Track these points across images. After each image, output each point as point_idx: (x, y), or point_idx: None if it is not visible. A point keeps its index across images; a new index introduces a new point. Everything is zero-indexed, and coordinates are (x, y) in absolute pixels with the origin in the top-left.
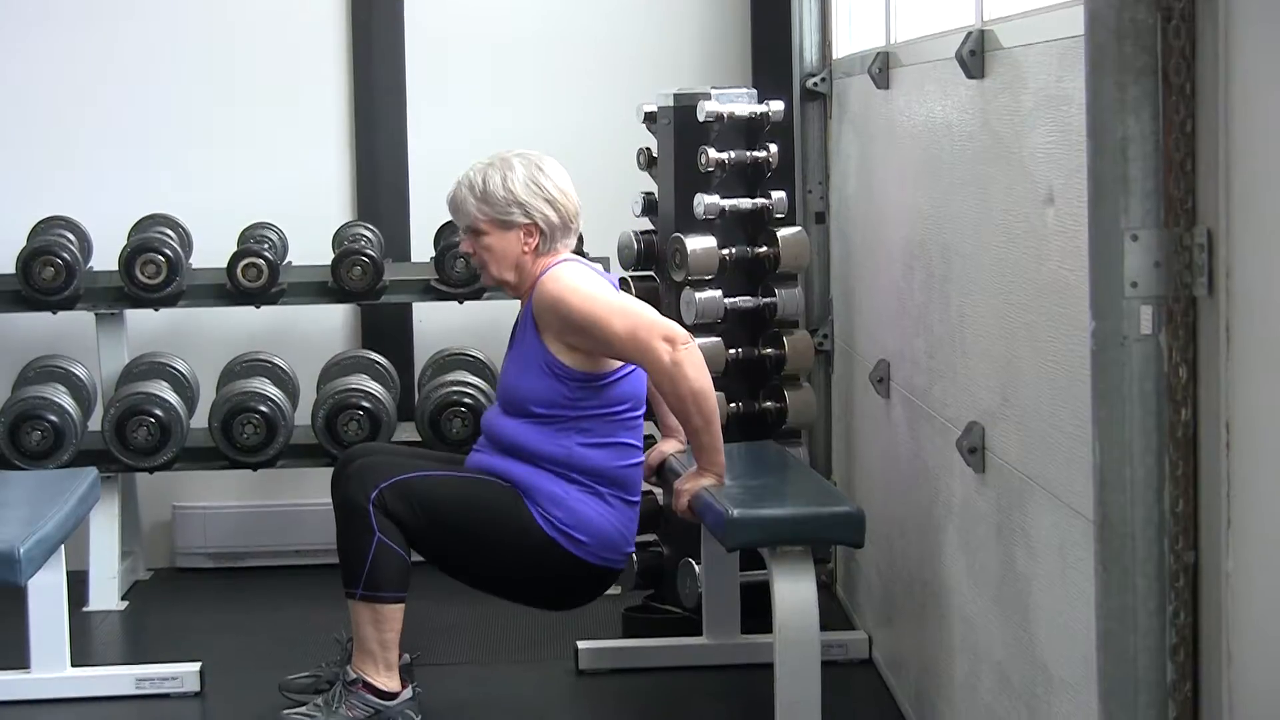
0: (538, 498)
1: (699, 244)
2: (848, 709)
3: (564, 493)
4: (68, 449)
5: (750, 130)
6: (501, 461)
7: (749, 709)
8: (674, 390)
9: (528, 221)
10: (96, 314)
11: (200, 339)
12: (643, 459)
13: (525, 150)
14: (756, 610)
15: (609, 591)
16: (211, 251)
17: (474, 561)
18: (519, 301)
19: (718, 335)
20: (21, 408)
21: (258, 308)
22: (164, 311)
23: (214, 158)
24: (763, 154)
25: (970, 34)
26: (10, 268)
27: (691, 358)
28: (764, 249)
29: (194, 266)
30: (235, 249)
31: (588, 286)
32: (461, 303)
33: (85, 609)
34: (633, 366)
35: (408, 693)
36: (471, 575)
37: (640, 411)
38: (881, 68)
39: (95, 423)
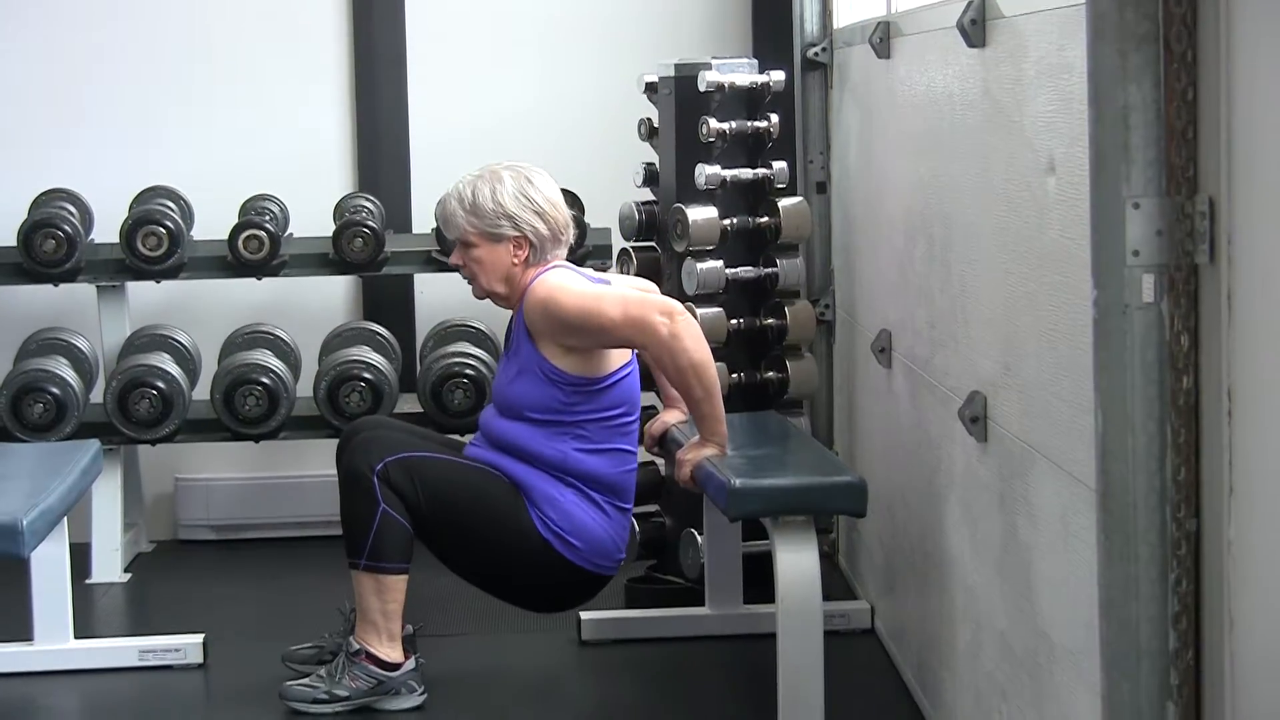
0: (535, 498)
1: (700, 214)
2: (850, 679)
3: (560, 495)
4: (70, 421)
5: (751, 100)
6: (500, 458)
7: (751, 679)
8: (674, 362)
9: (517, 234)
10: (98, 286)
11: (202, 311)
12: (636, 466)
13: (515, 162)
14: (759, 580)
15: None
16: (213, 223)
17: (467, 550)
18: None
19: (719, 306)
20: (23, 380)
21: (259, 279)
22: (165, 284)
23: (214, 130)
24: (764, 124)
25: (971, 2)
26: (12, 240)
27: (689, 329)
28: (765, 219)
29: (195, 238)
30: (236, 221)
31: (576, 284)
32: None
33: (88, 581)
34: (627, 370)
35: (410, 663)
36: (462, 564)
37: (634, 417)
38: (882, 37)
39: (97, 395)
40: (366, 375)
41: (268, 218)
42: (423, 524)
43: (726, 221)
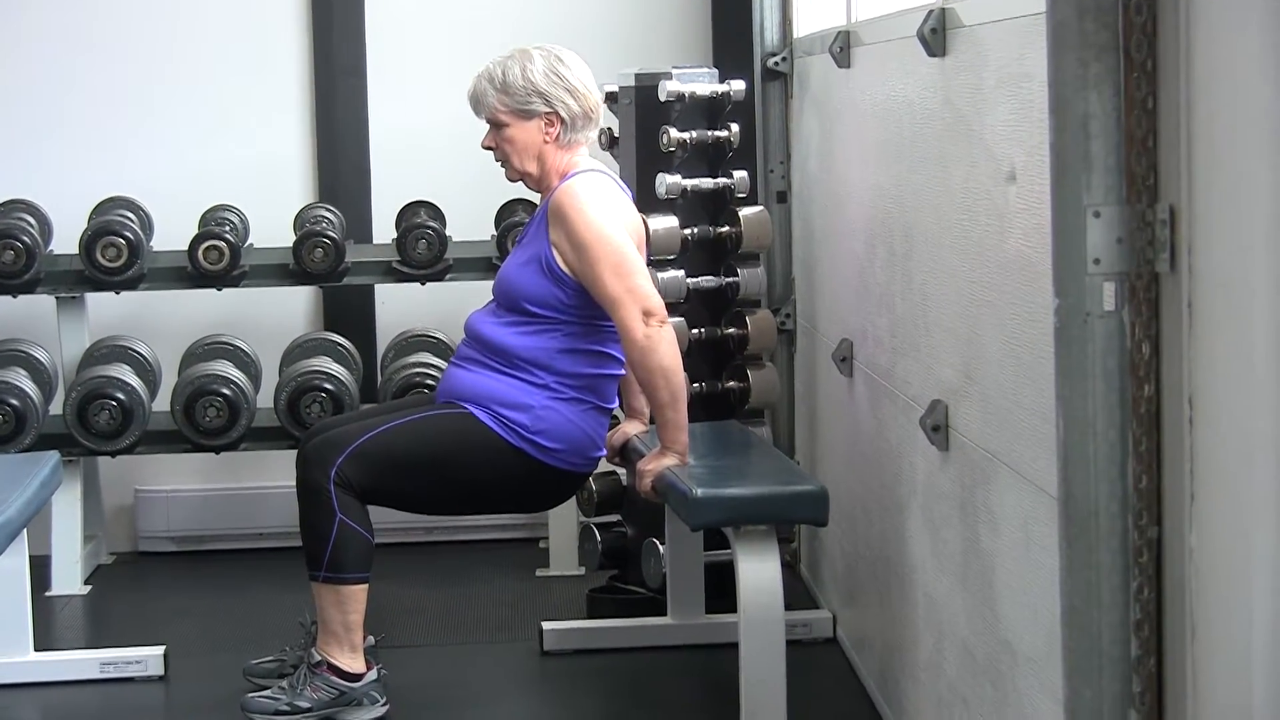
0: (499, 409)
1: (661, 224)
2: (812, 688)
3: (532, 400)
4: (29, 433)
5: (712, 110)
6: (469, 377)
7: (714, 689)
8: (643, 363)
9: (549, 110)
10: (57, 297)
11: (162, 322)
12: (621, 373)
13: (544, 43)
14: (721, 590)
15: (573, 572)
16: (172, 234)
17: (446, 492)
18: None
19: (680, 315)
20: None
21: (219, 290)
22: (125, 295)
23: (174, 140)
24: (724, 134)
25: (931, 12)
26: None
27: (664, 335)
28: (726, 228)
29: (155, 249)
30: (196, 231)
31: (599, 215)
32: (424, 284)
33: (48, 593)
34: None
35: (373, 674)
36: (451, 505)
37: None
38: (842, 46)
39: (57, 406)
40: (327, 386)
41: (228, 228)
42: (397, 495)
43: (687, 231)
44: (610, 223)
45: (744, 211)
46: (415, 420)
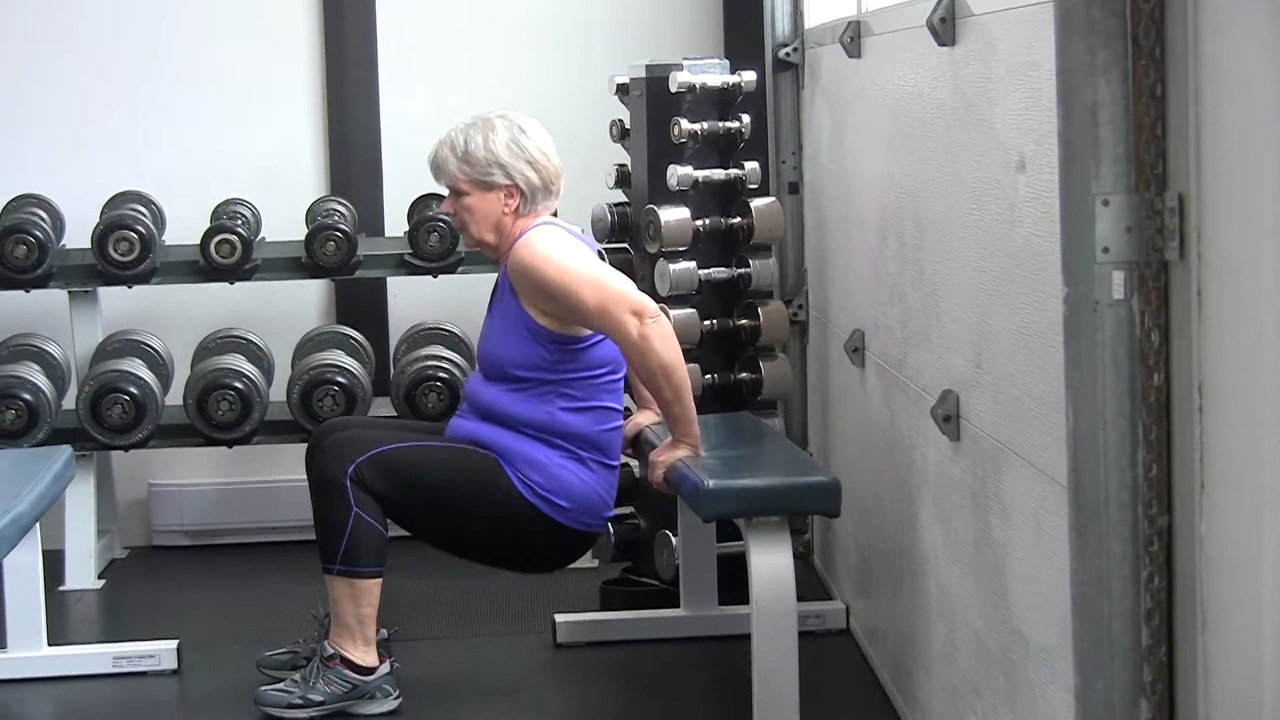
0: (517, 463)
1: (672, 215)
2: (825, 679)
3: (545, 458)
4: (42, 427)
5: (723, 101)
6: (483, 428)
7: (727, 680)
8: (643, 363)
9: (509, 183)
10: (70, 292)
11: (174, 316)
12: (622, 423)
13: (507, 111)
14: (734, 581)
15: (586, 564)
16: (184, 228)
17: (455, 530)
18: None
19: (692, 307)
20: None
21: (231, 284)
22: (137, 289)
23: (186, 134)
24: (735, 125)
25: (941, 1)
26: None
27: (660, 331)
28: (737, 220)
29: (167, 243)
30: (208, 225)
31: (560, 254)
32: (436, 277)
33: (61, 588)
34: None
35: (385, 667)
36: (453, 543)
37: (620, 375)
38: (853, 36)
39: (70, 401)
40: (340, 379)
41: (239, 222)
42: (404, 513)
43: (699, 222)
44: (570, 257)
45: (755, 203)
46: (444, 448)
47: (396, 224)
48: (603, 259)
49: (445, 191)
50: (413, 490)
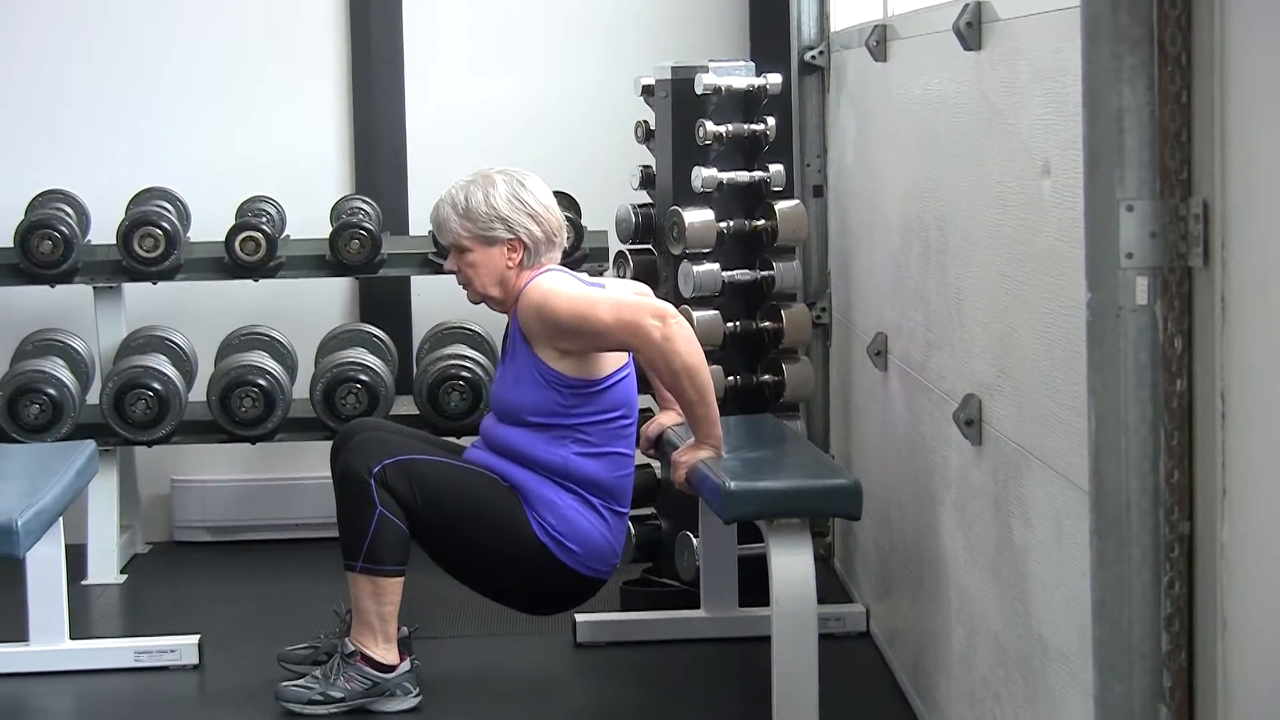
0: (534, 502)
1: (697, 217)
2: (845, 682)
3: (559, 500)
4: (66, 422)
5: (748, 103)
6: (501, 463)
7: (746, 682)
8: (667, 366)
9: (511, 237)
10: (94, 287)
11: (198, 312)
12: (633, 470)
13: (507, 167)
14: (754, 583)
15: None
16: (209, 225)
17: (465, 555)
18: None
19: (715, 308)
20: (20, 381)
21: (256, 281)
22: (162, 285)
23: (212, 131)
24: (760, 127)
25: (967, 6)
26: (8, 241)
27: (681, 332)
28: (762, 222)
29: (192, 240)
30: (233, 222)
31: (569, 288)
32: None
33: (84, 582)
34: (625, 373)
35: (406, 665)
36: (459, 568)
37: (633, 420)
38: (879, 40)
39: (93, 396)
40: (363, 377)
41: (264, 219)
42: (419, 527)
43: (723, 224)
44: (580, 289)
45: (780, 205)
46: (469, 470)
47: (421, 223)
48: (624, 259)
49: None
50: (432, 506)
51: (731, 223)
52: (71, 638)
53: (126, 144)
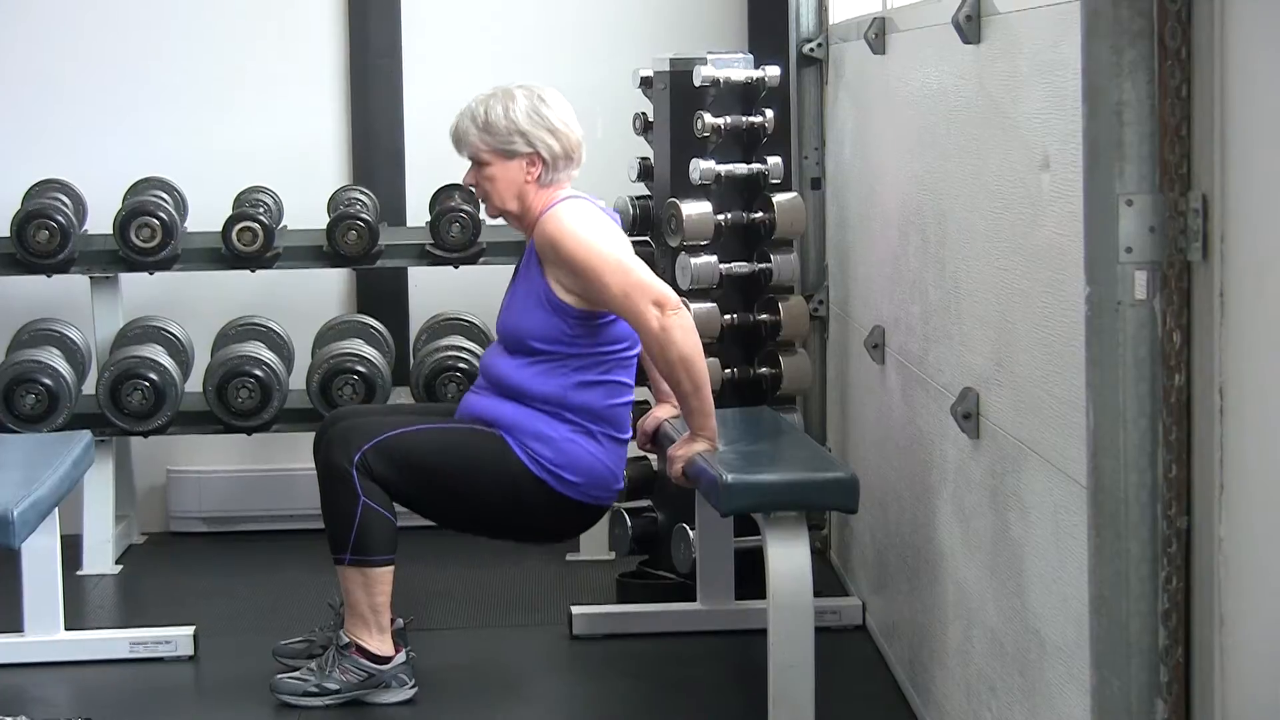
0: (525, 439)
1: (694, 209)
2: (841, 675)
3: (555, 433)
4: (62, 412)
5: (746, 95)
6: (492, 403)
7: (742, 675)
8: (662, 355)
9: (530, 151)
10: (91, 277)
11: (195, 303)
12: (632, 398)
13: (527, 82)
14: (750, 576)
15: (603, 556)
16: (206, 215)
17: (464, 509)
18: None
19: (713, 301)
20: (16, 371)
21: (253, 272)
22: (159, 275)
23: (209, 121)
24: (759, 119)
25: None
26: (5, 230)
27: (681, 323)
28: (759, 214)
29: (189, 230)
30: (230, 213)
31: (587, 232)
32: (457, 267)
33: (79, 572)
34: None
35: (401, 657)
36: (463, 522)
37: (636, 350)
38: (878, 33)
39: (90, 386)
40: (359, 368)
41: (262, 210)
42: (413, 497)
43: (721, 217)
44: (599, 237)
45: (778, 198)
46: (448, 429)
47: (418, 214)
48: None
49: (467, 163)
50: (419, 474)
51: (729, 215)
52: (66, 628)
53: (124, 133)
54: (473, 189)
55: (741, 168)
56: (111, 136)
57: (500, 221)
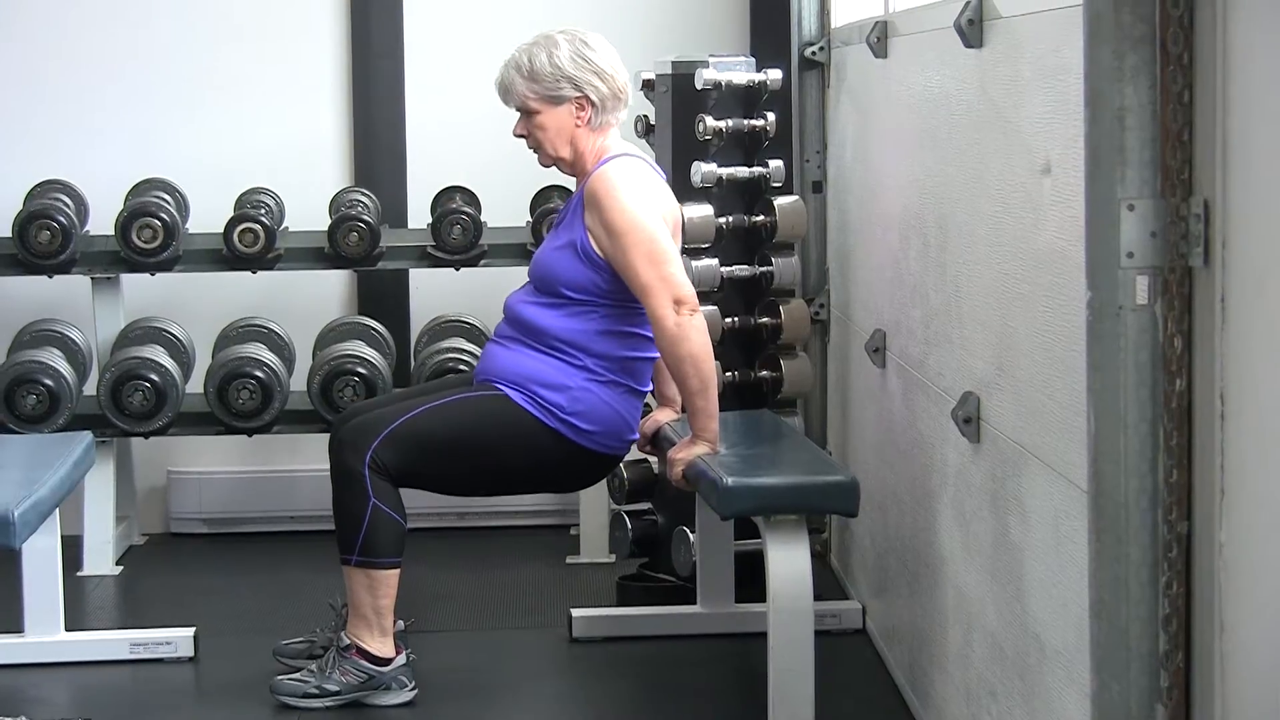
0: (539, 389)
1: (696, 212)
2: (841, 679)
3: (571, 381)
4: (63, 413)
5: (748, 99)
6: (508, 354)
7: (742, 678)
8: (673, 351)
9: (578, 94)
10: (93, 278)
11: (196, 304)
12: (654, 354)
13: (568, 27)
14: (751, 579)
15: (603, 559)
16: (208, 216)
17: (482, 474)
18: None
19: (714, 304)
20: (17, 371)
21: (254, 273)
22: (160, 276)
23: (211, 122)
24: (760, 123)
25: (969, 3)
26: (6, 231)
27: (696, 324)
28: (761, 218)
29: (190, 231)
30: (232, 214)
31: (635, 203)
32: (458, 269)
33: (80, 573)
34: None
35: (401, 659)
36: (485, 487)
37: None
38: (880, 37)
39: (91, 387)
40: (360, 370)
41: (263, 211)
42: (433, 479)
43: (722, 220)
44: (645, 210)
45: (779, 201)
46: (450, 403)
47: (420, 216)
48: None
49: (515, 115)
50: (431, 454)
51: (731, 218)
52: (67, 629)
53: (125, 134)
54: (524, 138)
55: (743, 171)
56: (113, 137)
57: (505, 223)
